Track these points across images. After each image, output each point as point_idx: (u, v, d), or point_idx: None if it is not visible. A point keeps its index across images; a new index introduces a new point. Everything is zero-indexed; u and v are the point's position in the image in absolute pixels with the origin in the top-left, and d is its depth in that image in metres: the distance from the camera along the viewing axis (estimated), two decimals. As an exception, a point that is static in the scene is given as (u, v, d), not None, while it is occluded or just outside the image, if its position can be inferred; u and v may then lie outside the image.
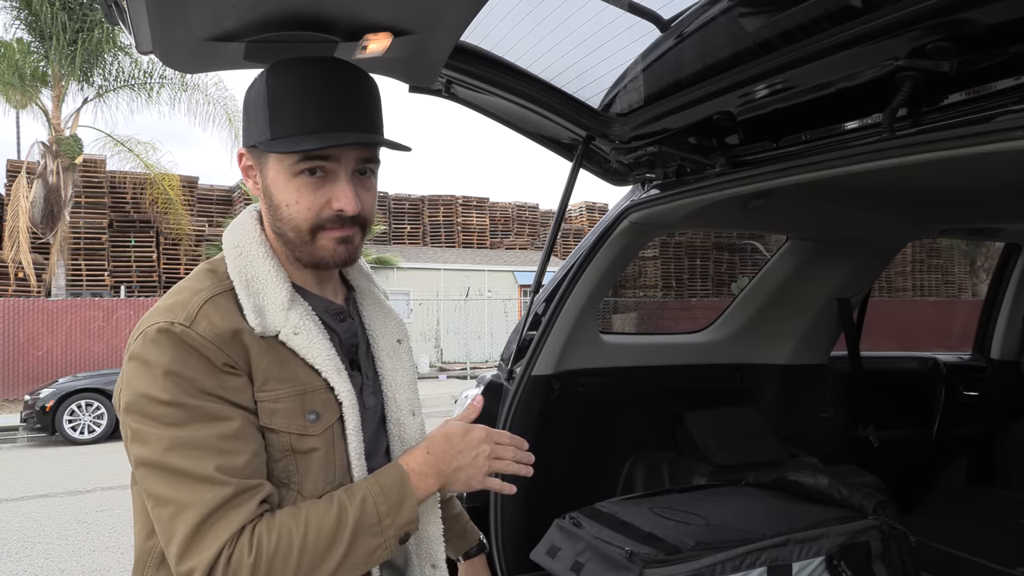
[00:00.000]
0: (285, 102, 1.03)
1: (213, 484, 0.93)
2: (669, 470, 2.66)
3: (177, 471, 0.94)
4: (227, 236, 1.13)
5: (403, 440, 1.22)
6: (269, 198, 1.08)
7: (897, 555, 1.90)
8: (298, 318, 1.07)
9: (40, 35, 16.39)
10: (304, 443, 1.04)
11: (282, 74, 1.04)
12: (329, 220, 1.05)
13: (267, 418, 1.02)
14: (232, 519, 0.93)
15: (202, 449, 0.94)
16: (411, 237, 26.41)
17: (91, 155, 18.33)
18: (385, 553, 1.02)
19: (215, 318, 1.01)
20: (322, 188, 1.05)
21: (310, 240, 1.07)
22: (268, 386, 1.02)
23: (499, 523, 2.25)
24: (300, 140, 1.01)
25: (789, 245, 2.94)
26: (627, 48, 1.80)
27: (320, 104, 1.02)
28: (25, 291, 17.11)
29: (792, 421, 2.97)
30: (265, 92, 1.04)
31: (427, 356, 21.70)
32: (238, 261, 1.08)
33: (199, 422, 0.95)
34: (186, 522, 0.92)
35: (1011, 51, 1.33)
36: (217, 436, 0.96)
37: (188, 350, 0.97)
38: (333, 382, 1.07)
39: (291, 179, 1.04)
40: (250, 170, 1.10)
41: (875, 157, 1.55)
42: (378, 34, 1.26)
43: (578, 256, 2.42)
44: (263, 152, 1.05)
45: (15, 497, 7.12)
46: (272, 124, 1.03)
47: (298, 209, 1.05)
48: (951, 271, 27.97)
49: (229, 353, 1.00)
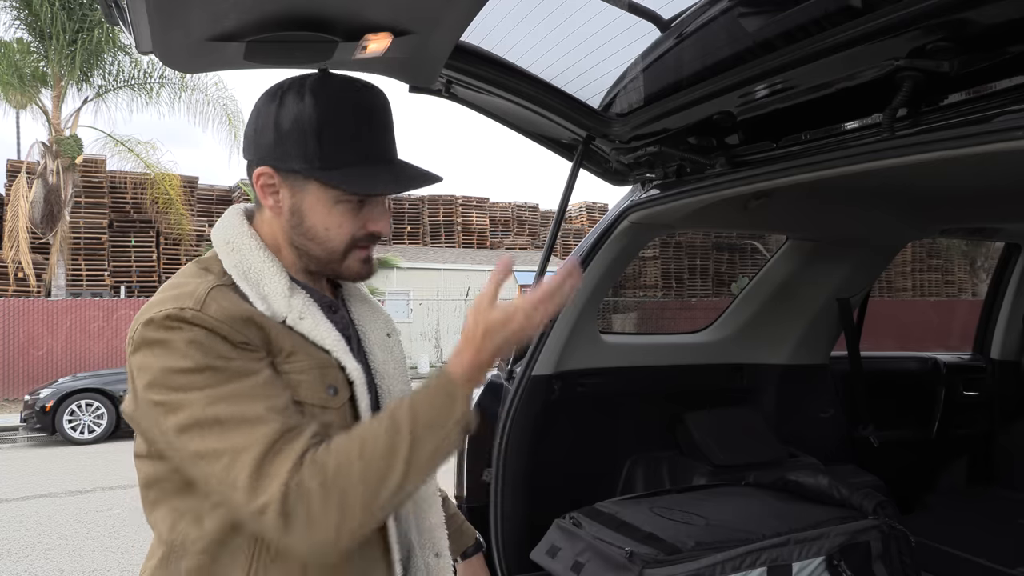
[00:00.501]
0: (336, 129, 1.03)
1: (265, 422, 0.93)
2: (669, 470, 2.66)
3: (225, 420, 0.93)
4: (217, 234, 1.12)
5: None
6: (299, 219, 1.07)
7: (897, 555, 1.90)
8: (301, 304, 1.07)
9: (40, 35, 16.39)
10: (325, 415, 1.03)
11: (332, 96, 1.04)
12: (362, 240, 1.09)
13: (293, 390, 1.01)
14: (291, 450, 0.92)
15: (243, 397, 0.94)
16: (411, 237, 26.41)
17: (91, 155, 18.34)
18: (451, 446, 1.00)
19: (224, 303, 1.00)
20: (360, 213, 1.08)
21: (340, 260, 1.10)
22: (294, 357, 1.02)
23: (499, 523, 2.26)
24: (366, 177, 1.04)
25: (789, 245, 2.94)
26: (627, 48, 1.80)
27: (371, 134, 1.05)
28: (25, 291, 17.11)
29: (792, 421, 2.97)
30: (314, 114, 1.03)
31: (427, 356, 21.70)
32: (233, 256, 1.08)
33: (232, 380, 0.95)
34: (246, 464, 0.91)
35: (1011, 51, 1.33)
36: (253, 385, 0.95)
37: (202, 328, 0.96)
38: (344, 361, 1.07)
39: (334, 206, 1.06)
40: (271, 188, 1.07)
41: (875, 157, 1.55)
42: (378, 34, 1.26)
43: (578, 256, 2.42)
44: (297, 177, 1.05)
45: (15, 497, 7.12)
46: (323, 152, 1.03)
47: (337, 233, 1.07)
48: (951, 271, 27.97)
49: (243, 332, 0.99)
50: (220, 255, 1.09)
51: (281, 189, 1.07)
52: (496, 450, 2.27)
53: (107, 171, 19.04)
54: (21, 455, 9.94)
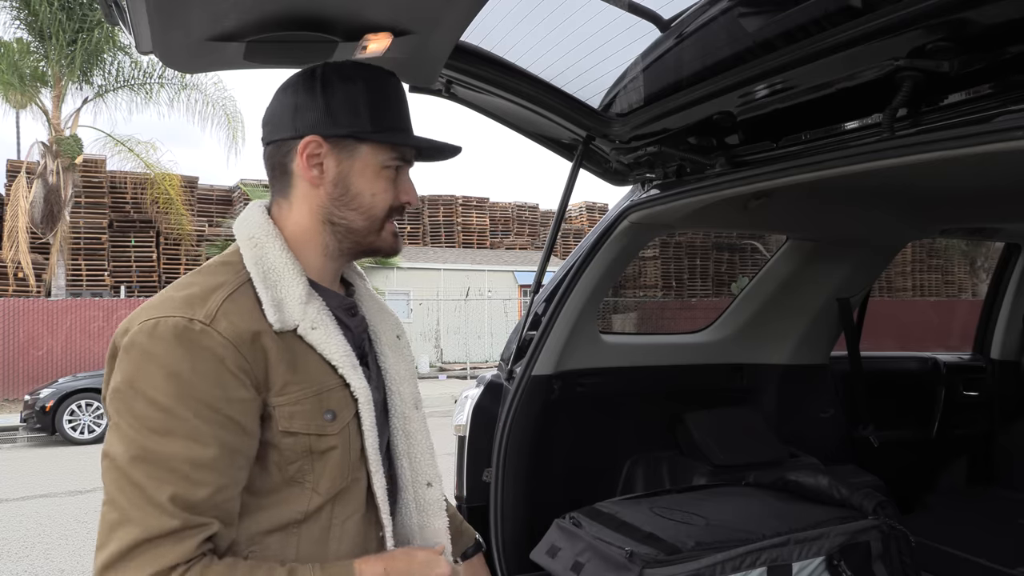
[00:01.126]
0: (383, 99, 1.11)
1: (162, 512, 0.91)
2: (669, 470, 2.66)
3: (134, 483, 0.92)
4: (239, 228, 1.11)
5: (408, 434, 1.23)
6: (345, 186, 1.11)
7: (897, 555, 1.90)
8: (315, 312, 1.07)
9: (40, 35, 16.39)
10: (322, 443, 1.04)
11: (371, 74, 1.12)
12: (395, 211, 1.14)
13: (287, 422, 1.01)
14: (166, 554, 0.90)
15: (166, 470, 0.92)
16: (411, 237, 26.40)
17: (91, 155, 18.33)
18: None
19: (235, 318, 0.99)
20: (395, 182, 1.14)
21: (377, 230, 1.14)
22: (287, 390, 1.02)
23: (499, 523, 2.26)
24: (408, 136, 1.13)
25: (789, 245, 2.94)
26: (627, 48, 1.80)
27: (403, 109, 1.14)
28: (25, 291, 17.11)
29: (792, 421, 2.97)
30: (363, 87, 1.10)
31: (427, 356, 21.69)
32: (254, 252, 1.07)
33: (177, 437, 0.93)
34: (123, 538, 0.90)
35: (1011, 51, 1.33)
36: (188, 460, 0.93)
37: (202, 351, 0.95)
38: (349, 379, 1.07)
39: (380, 171, 1.11)
40: (316, 158, 1.09)
41: (875, 157, 1.55)
42: (378, 34, 1.26)
43: (578, 256, 2.42)
44: (354, 142, 1.10)
45: (15, 497, 7.12)
46: (374, 117, 1.10)
47: (382, 199, 1.12)
48: (951, 271, 27.96)
49: (247, 356, 0.98)
50: (243, 250, 1.08)
51: (326, 160, 1.10)
52: (496, 450, 2.27)
53: (107, 171, 19.04)
54: (21, 455, 9.94)
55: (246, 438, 0.99)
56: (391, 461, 1.22)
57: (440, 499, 1.25)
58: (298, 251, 1.11)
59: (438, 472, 1.27)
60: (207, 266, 1.09)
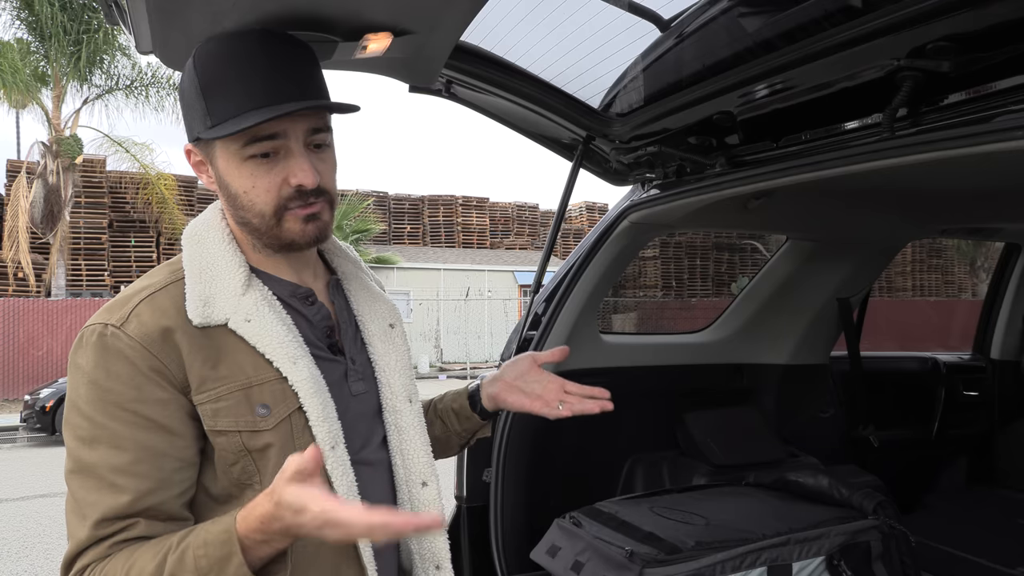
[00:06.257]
0: (217, 85, 0.99)
1: (85, 522, 0.94)
2: (669, 470, 2.66)
3: (73, 496, 0.96)
4: (187, 228, 1.11)
5: (400, 428, 1.16)
6: (225, 189, 1.03)
7: (897, 555, 1.90)
8: (252, 304, 1.02)
9: (40, 35, 16.39)
10: (257, 440, 0.98)
11: (208, 57, 1.00)
12: (291, 199, 1.01)
13: (211, 420, 0.97)
14: (85, 557, 0.93)
15: (93, 478, 0.94)
16: (411, 237, 26.40)
17: (91, 155, 18.33)
18: None
19: (146, 317, 0.98)
20: (276, 167, 1.01)
21: (276, 224, 1.02)
22: (205, 387, 0.98)
23: (499, 523, 2.25)
24: (239, 120, 0.96)
25: (789, 245, 2.94)
26: (627, 48, 1.80)
27: (253, 80, 0.98)
28: (25, 291, 17.11)
29: (792, 421, 2.97)
30: (196, 79, 1.00)
31: (427, 356, 21.70)
32: (194, 249, 1.06)
33: (100, 445, 0.94)
34: (67, 553, 0.95)
35: (1011, 51, 1.33)
36: (109, 467, 0.94)
37: (113, 354, 0.96)
38: (286, 372, 1.00)
39: (242, 164, 1.00)
40: (201, 165, 1.06)
41: (875, 157, 1.55)
42: (378, 34, 1.26)
43: (578, 256, 2.41)
44: (208, 142, 1.01)
45: (15, 497, 7.12)
46: (210, 111, 0.98)
47: (257, 193, 1.01)
48: (951, 271, 27.95)
49: (158, 355, 0.96)
50: (183, 249, 1.08)
51: (207, 163, 1.05)
52: (496, 450, 2.27)
53: (107, 171, 19.04)
54: (21, 455, 9.94)
55: (173, 438, 0.96)
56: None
57: (437, 499, 1.17)
58: (241, 245, 1.09)
59: (435, 471, 1.19)
60: (152, 271, 1.09)
